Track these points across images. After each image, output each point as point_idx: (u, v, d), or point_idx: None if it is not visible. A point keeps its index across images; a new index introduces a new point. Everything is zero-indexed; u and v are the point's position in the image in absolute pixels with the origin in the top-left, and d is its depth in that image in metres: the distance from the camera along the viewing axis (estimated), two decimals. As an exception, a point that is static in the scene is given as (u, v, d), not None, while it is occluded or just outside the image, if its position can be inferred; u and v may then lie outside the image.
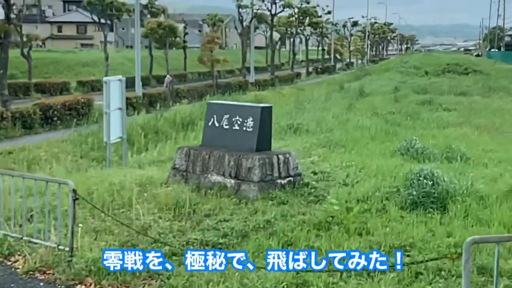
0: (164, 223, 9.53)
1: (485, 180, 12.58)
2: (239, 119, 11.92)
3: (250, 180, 11.23)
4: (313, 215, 9.97)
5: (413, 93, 34.53)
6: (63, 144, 20.64)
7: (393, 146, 16.07)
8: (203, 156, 11.93)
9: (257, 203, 10.67)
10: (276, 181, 11.50)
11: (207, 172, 11.82)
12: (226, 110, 12.24)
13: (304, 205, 10.75)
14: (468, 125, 21.59)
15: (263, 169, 11.30)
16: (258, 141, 11.70)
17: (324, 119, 22.49)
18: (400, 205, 10.55)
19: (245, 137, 11.82)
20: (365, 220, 9.78)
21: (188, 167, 12.11)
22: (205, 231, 9.22)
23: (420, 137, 18.42)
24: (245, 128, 11.82)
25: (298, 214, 10.10)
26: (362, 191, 11.38)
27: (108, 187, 11.33)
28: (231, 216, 9.95)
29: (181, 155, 12.30)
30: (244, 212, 10.17)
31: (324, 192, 11.47)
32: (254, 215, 10.03)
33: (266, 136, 11.91)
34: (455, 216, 9.91)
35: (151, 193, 11.03)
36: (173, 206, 10.32)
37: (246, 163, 11.34)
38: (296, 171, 11.90)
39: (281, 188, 11.45)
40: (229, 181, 11.45)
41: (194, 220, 9.82)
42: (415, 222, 9.70)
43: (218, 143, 12.18)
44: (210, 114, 12.47)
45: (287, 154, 11.87)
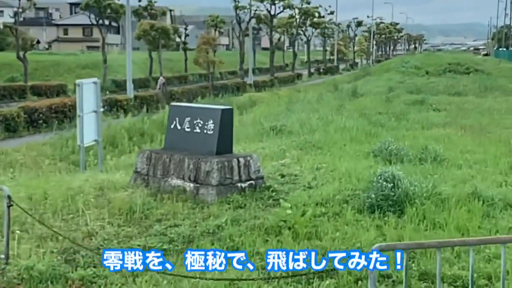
0: (112, 229, 9.36)
1: (455, 182, 12.38)
2: (200, 121, 11.74)
3: (209, 184, 11.05)
4: (266, 219, 9.78)
5: (406, 93, 34.26)
6: (43, 147, 20.52)
7: (370, 148, 15.84)
8: (164, 159, 11.76)
9: (213, 207, 10.49)
10: (236, 184, 11.31)
11: (167, 176, 11.65)
12: (188, 113, 12.06)
13: (262, 209, 10.56)
14: (453, 125, 21.32)
15: (221, 173, 11.11)
16: (218, 144, 11.51)
17: (309, 120, 22.27)
18: (357, 209, 10.35)
19: (205, 140, 11.64)
20: (319, 224, 9.59)
21: (149, 171, 11.94)
22: (152, 237, 9.07)
23: (401, 138, 18.23)
24: (206, 130, 11.64)
25: (252, 218, 9.89)
26: (323, 194, 11.18)
27: (65, 192, 11.16)
28: (182, 221, 9.77)
29: (142, 158, 12.13)
30: (197, 217, 10.00)
31: (285, 196, 11.27)
32: (206, 220, 9.85)
33: (227, 138, 11.72)
34: (411, 220, 9.71)
35: (106, 198, 10.86)
36: (126, 211, 10.14)
37: (204, 167, 11.16)
38: (258, 174, 11.70)
39: (241, 191, 11.26)
40: (188, 185, 11.28)
41: (144, 225, 9.65)
42: (368, 226, 9.52)
43: (180, 146, 12.00)
44: (172, 116, 12.30)
45: (248, 157, 11.69)
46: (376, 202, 10.30)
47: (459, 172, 13.46)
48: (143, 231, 9.37)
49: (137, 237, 9.07)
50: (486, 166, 14.29)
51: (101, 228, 9.36)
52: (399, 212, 10.10)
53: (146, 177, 11.95)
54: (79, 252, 8.37)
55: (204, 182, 11.11)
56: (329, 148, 16.55)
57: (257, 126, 21.88)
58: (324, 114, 23.74)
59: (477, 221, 9.64)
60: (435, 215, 9.85)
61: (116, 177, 12.76)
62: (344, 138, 18.06)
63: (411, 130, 20.08)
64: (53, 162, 18.95)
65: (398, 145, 15.28)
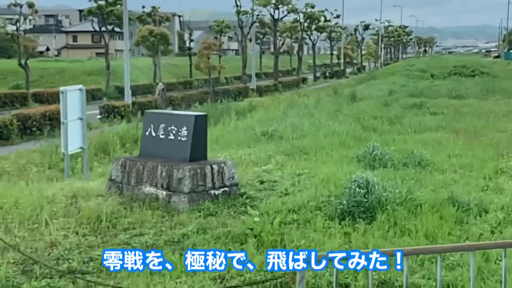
0: (75, 239, 9.22)
1: (435, 187, 12.21)
2: (174, 128, 11.62)
3: (181, 191, 10.91)
4: (234, 227, 9.63)
5: (406, 97, 34.02)
6: (33, 155, 20.41)
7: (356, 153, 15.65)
8: (138, 167, 11.63)
9: (183, 215, 10.35)
10: (209, 192, 11.17)
11: (141, 184, 11.52)
12: (163, 120, 11.94)
13: (233, 216, 10.40)
14: (447, 129, 21.09)
15: (194, 180, 10.97)
16: (192, 151, 11.38)
17: (302, 125, 22.09)
18: (329, 216, 10.18)
19: (179, 147, 11.51)
20: (287, 232, 9.44)
21: (124, 179, 11.81)
22: (115, 246, 8.92)
23: (391, 142, 18.06)
24: (180, 137, 11.51)
25: (220, 226, 9.74)
26: (298, 200, 11.03)
27: (37, 200, 11.04)
28: (149, 230, 9.63)
29: (117, 166, 12.01)
30: (165, 226, 9.85)
31: (259, 203, 11.13)
32: (173, 228, 9.71)
33: (201, 145, 11.59)
34: (381, 227, 9.53)
35: (77, 207, 10.73)
36: (93, 220, 10.00)
37: (177, 174, 11.02)
38: (232, 181, 11.55)
39: (214, 199, 11.11)
40: (161, 193, 11.15)
41: (110, 234, 9.52)
42: (337, 233, 9.35)
43: (155, 154, 11.87)
44: (147, 123, 12.17)
45: (222, 163, 11.54)
46: (348, 209, 10.14)
47: (442, 177, 13.28)
48: (107, 241, 9.23)
49: (99, 247, 8.91)
50: (471, 171, 14.10)
51: (65, 238, 9.22)
52: (370, 218, 9.92)
53: (120, 185, 11.83)
54: (37, 263, 8.24)
55: (176, 189, 10.97)
56: (315, 153, 16.38)
57: (249, 132, 21.70)
58: (318, 119, 23.55)
59: (448, 228, 9.46)
60: (406, 222, 9.67)
61: (93, 185, 12.64)
62: (333, 143, 17.88)
63: (402, 134, 19.88)
64: (42, 170, 18.83)
65: (384, 150, 15.06)
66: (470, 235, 9.24)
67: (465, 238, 9.11)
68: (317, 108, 29.54)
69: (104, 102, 36.25)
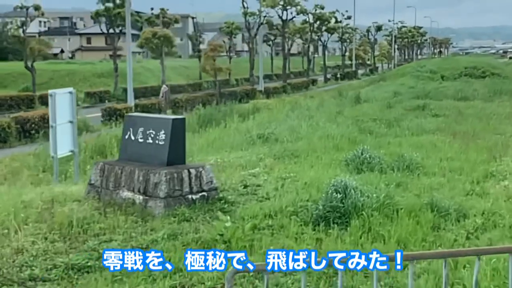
0: (43, 245, 9.10)
1: (419, 191, 12.01)
2: (152, 132, 11.49)
3: (157, 196, 10.78)
4: (206, 233, 9.49)
5: (410, 99, 33.69)
6: (28, 158, 20.38)
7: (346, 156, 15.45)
8: (116, 171, 11.51)
9: (157, 220, 10.21)
10: (186, 196, 11.02)
11: (119, 188, 11.39)
12: (142, 123, 11.81)
13: (208, 221, 10.26)
14: (446, 131, 20.82)
15: (170, 184, 10.83)
16: (169, 155, 11.24)
17: (299, 128, 21.93)
18: (305, 221, 10.01)
19: (157, 150, 11.38)
20: (258, 238, 9.28)
21: (102, 183, 11.69)
22: (82, 253, 8.80)
23: (385, 145, 17.87)
24: (158, 141, 11.38)
25: (192, 232, 9.60)
26: (276, 205, 10.87)
27: (13, 205, 10.94)
28: (119, 236, 9.49)
29: (96, 170, 11.89)
30: (136, 231, 9.71)
31: (236, 208, 10.99)
32: (144, 234, 9.57)
33: (179, 149, 11.44)
34: (354, 232, 9.35)
35: (51, 212, 10.61)
36: (66, 225, 9.89)
37: (153, 178, 10.89)
38: (211, 185, 11.40)
39: (191, 204, 10.96)
40: (138, 197, 11.02)
41: (80, 240, 9.39)
42: (309, 239, 9.19)
43: (133, 158, 11.75)
44: (127, 127, 12.05)
45: (200, 167, 11.39)
46: (323, 214, 9.97)
47: (428, 181, 13.06)
48: (75, 247, 9.10)
49: (66, 253, 8.80)
50: (460, 174, 13.87)
51: (33, 244, 9.10)
52: (345, 224, 9.74)
53: (99, 190, 11.71)
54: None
55: (152, 194, 10.85)
56: (306, 156, 16.21)
57: (247, 134, 21.55)
58: (317, 122, 23.36)
59: (422, 234, 9.26)
60: (381, 227, 9.48)
61: (73, 190, 12.54)
62: (326, 146, 17.71)
63: (399, 137, 19.63)
64: (35, 173, 18.78)
65: (373, 154, 14.85)
66: (445, 241, 9.03)
67: (439, 245, 8.91)
68: (319, 110, 29.34)
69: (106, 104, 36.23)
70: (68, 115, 16.70)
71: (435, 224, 9.85)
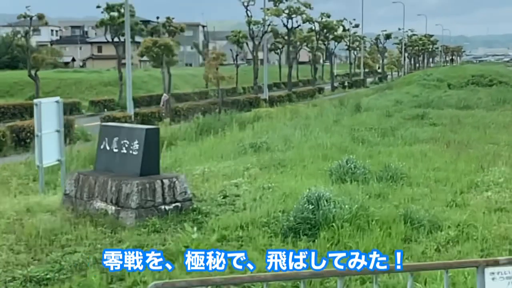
0: (6, 256, 9.00)
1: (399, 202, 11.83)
2: (126, 141, 11.38)
3: (128, 207, 10.66)
4: (172, 244, 9.36)
5: (412, 108, 33.48)
6: (19, 167, 20.29)
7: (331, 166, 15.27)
8: (90, 181, 11.41)
9: (126, 232, 10.09)
10: (159, 207, 10.89)
11: (92, 199, 11.29)
12: (116, 133, 11.71)
13: (179, 233, 10.12)
14: (440, 141, 20.59)
15: (142, 195, 10.71)
16: (142, 165, 11.12)
17: (293, 136, 21.78)
18: (275, 232, 9.86)
19: (131, 160, 11.27)
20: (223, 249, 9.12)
21: (77, 194, 11.59)
22: (44, 264, 8.69)
23: (375, 155, 17.71)
24: (131, 151, 11.26)
25: (159, 244, 9.47)
26: (250, 216, 10.72)
27: (-15, 215, 10.87)
28: (84, 247, 9.37)
29: (71, 180, 11.79)
30: (103, 243, 9.59)
31: (209, 218, 10.85)
32: (111, 245, 9.44)
33: (153, 159, 11.33)
34: (323, 244, 9.19)
35: (22, 223, 10.52)
36: (33, 236, 9.79)
37: (125, 189, 10.77)
38: (185, 195, 11.27)
39: (164, 214, 10.83)
40: (110, 208, 10.90)
41: (45, 252, 9.27)
42: (275, 252, 9.01)
43: (108, 168, 11.65)
44: (102, 137, 11.95)
45: (174, 178, 11.26)
46: (294, 225, 9.82)
47: (411, 191, 12.87)
48: (39, 258, 8.99)
49: (28, 265, 8.69)
50: (445, 185, 13.68)
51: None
52: (315, 235, 9.59)
53: (74, 200, 11.60)
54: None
55: (124, 205, 10.73)
56: (293, 166, 16.06)
57: (240, 143, 21.40)
58: (311, 131, 23.19)
59: (391, 246, 9.08)
60: (350, 239, 9.32)
61: (50, 200, 12.45)
62: (315, 155, 17.53)
63: (392, 146, 19.44)
64: (25, 182, 18.62)
65: (359, 163, 14.67)
66: (412, 255, 8.85)
67: (406, 258, 8.72)
68: (317, 119, 29.16)
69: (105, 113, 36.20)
70: (55, 124, 16.58)
71: (407, 236, 9.68)
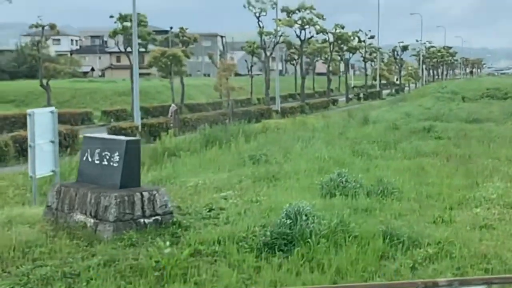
0: (-25, 269, 8.92)
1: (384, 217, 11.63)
2: (107, 153, 11.28)
3: (106, 220, 10.55)
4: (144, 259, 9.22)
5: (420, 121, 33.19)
6: (18, 177, 20.30)
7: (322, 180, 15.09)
8: (71, 193, 11.32)
9: (102, 245, 9.96)
10: (138, 220, 10.77)
11: (73, 211, 11.19)
12: (99, 144, 11.61)
13: (156, 247, 9.98)
14: (441, 155, 20.34)
15: (120, 208, 10.59)
16: (122, 177, 11.01)
17: (293, 149, 21.64)
18: (251, 248, 9.71)
19: (111, 172, 11.17)
20: (197, 265, 9.01)
21: (58, 206, 11.50)
22: (12, 277, 8.61)
23: (372, 168, 17.51)
24: (112, 163, 11.17)
25: (131, 258, 9.33)
26: (230, 231, 10.57)
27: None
28: (56, 260, 9.27)
29: (53, 192, 11.71)
30: (75, 256, 9.46)
31: (188, 232, 10.71)
32: (83, 259, 9.33)
33: (133, 171, 11.21)
34: (296, 260, 9.04)
35: None
36: (8, 249, 9.70)
37: (104, 201, 10.66)
38: (165, 209, 11.13)
39: (142, 228, 10.71)
40: (89, 221, 10.80)
41: (17, 264, 9.18)
42: (247, 268, 8.89)
43: (90, 180, 11.55)
44: (85, 148, 11.88)
45: (154, 191, 11.13)
46: (270, 241, 9.67)
47: (399, 206, 12.67)
48: (9, 271, 8.90)
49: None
50: (436, 200, 13.48)
51: (-36, 268, 8.93)
52: (291, 251, 9.43)
53: (55, 212, 11.52)
54: None
55: (102, 217, 10.62)
56: (286, 179, 15.91)
57: (240, 155, 21.30)
58: (314, 143, 23.04)
59: (365, 263, 8.91)
60: (325, 256, 9.15)
61: (33, 212, 12.36)
62: (311, 168, 17.36)
63: (391, 160, 19.24)
64: (23, 192, 18.65)
65: (351, 177, 14.49)
66: (385, 272, 8.67)
67: (378, 275, 8.55)
68: (323, 131, 28.97)
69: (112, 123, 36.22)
70: (50, 135, 16.59)
71: (384, 252, 9.49)
